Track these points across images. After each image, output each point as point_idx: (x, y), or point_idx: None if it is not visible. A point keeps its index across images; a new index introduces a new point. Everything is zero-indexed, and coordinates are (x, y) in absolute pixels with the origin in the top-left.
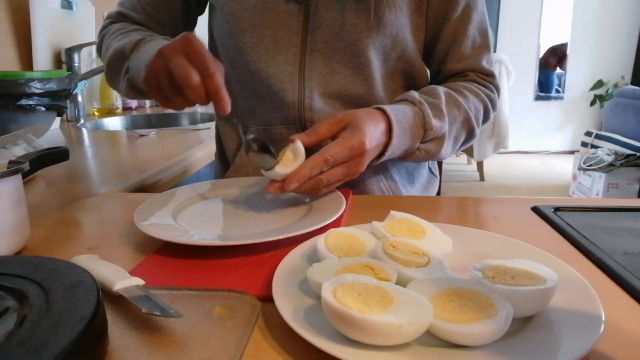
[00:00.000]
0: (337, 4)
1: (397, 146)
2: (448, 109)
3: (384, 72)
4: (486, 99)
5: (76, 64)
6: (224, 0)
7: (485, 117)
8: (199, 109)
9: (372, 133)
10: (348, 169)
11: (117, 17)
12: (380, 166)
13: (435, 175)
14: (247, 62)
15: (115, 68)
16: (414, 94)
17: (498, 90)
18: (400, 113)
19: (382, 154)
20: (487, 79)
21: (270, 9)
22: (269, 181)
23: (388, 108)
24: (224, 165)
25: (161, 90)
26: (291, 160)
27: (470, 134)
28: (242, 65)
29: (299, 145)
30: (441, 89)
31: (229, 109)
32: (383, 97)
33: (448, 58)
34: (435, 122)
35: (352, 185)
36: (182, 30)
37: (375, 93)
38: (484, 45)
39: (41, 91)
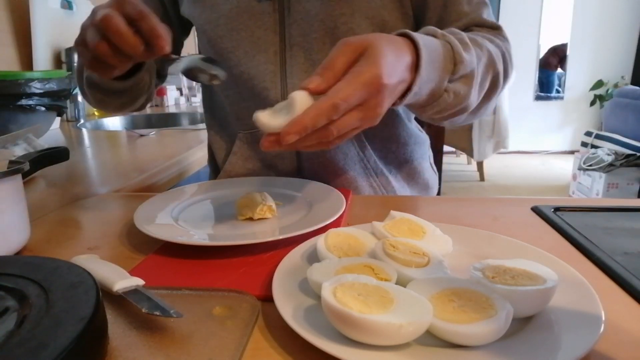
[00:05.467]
0: None
1: (425, 81)
2: (473, 45)
3: None
4: (502, 47)
5: (76, 64)
6: (200, 10)
7: (505, 69)
8: (199, 109)
9: (393, 64)
10: (364, 112)
11: None
12: (378, 168)
13: (436, 172)
14: (229, 68)
15: (80, 74)
16: (433, 27)
17: (509, 42)
18: (427, 41)
19: (407, 92)
20: (493, 32)
21: (244, 12)
22: (265, 135)
23: (415, 34)
24: (214, 171)
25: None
26: (288, 108)
27: (495, 82)
28: (226, 72)
29: (300, 94)
30: (458, 30)
31: (167, 47)
32: None
33: (445, 21)
34: (465, 54)
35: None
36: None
37: None
38: (481, 1)
39: (41, 91)
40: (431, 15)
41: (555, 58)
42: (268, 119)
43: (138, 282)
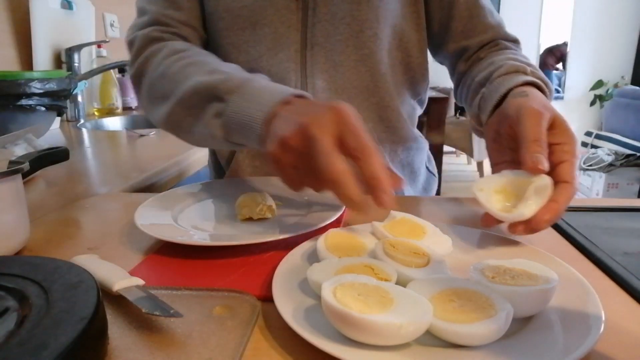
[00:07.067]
0: None
1: None
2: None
3: (386, 62)
4: None
5: (76, 64)
6: None
7: None
8: None
9: None
10: None
11: (156, 23)
12: None
13: (434, 175)
14: (247, 61)
15: (193, 107)
16: (523, 67)
17: None
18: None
19: None
20: (516, 46)
21: (269, 6)
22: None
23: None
24: (216, 169)
25: (295, 170)
26: (532, 196)
27: None
28: (241, 65)
29: (548, 183)
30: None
31: (388, 201)
32: (388, 89)
33: (471, 32)
34: None
35: None
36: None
37: (380, 85)
38: (498, 15)
39: (41, 91)
40: (457, 25)
41: (552, 58)
42: (525, 208)
43: (138, 282)
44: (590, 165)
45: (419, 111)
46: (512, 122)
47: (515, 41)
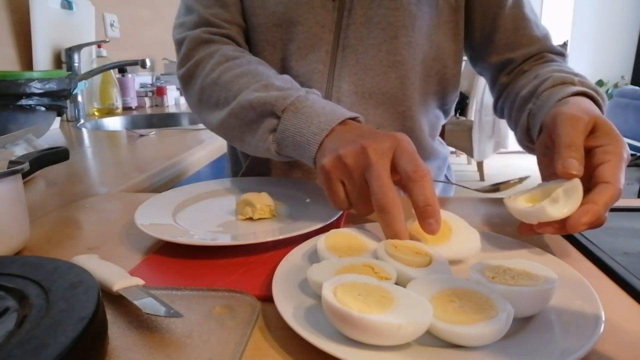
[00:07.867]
0: (372, 2)
1: None
2: None
3: (418, 72)
4: None
5: (76, 64)
6: None
7: None
8: None
9: None
10: None
11: (205, 24)
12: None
13: (450, 185)
14: (280, 60)
15: (248, 120)
16: (570, 78)
17: None
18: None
19: None
20: (562, 59)
21: (305, 3)
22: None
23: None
24: (235, 165)
25: (342, 187)
26: (563, 197)
27: None
28: (274, 64)
29: (576, 184)
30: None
31: (437, 229)
32: (415, 98)
33: (516, 44)
34: None
35: None
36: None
37: (408, 93)
38: (544, 26)
39: (41, 91)
40: (501, 38)
41: None
42: (550, 208)
43: (138, 282)
44: None
45: (443, 121)
46: (550, 131)
47: (561, 54)
